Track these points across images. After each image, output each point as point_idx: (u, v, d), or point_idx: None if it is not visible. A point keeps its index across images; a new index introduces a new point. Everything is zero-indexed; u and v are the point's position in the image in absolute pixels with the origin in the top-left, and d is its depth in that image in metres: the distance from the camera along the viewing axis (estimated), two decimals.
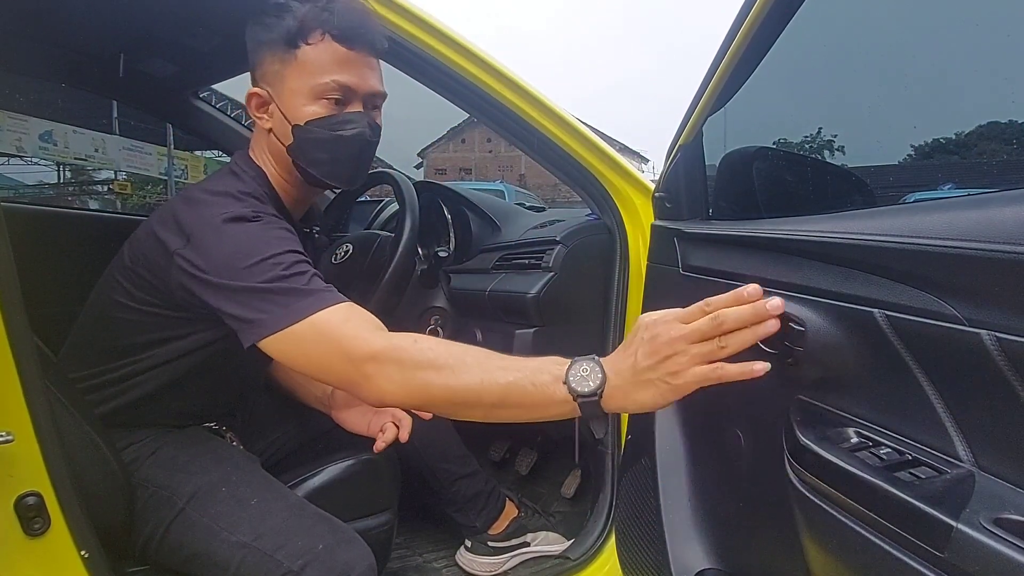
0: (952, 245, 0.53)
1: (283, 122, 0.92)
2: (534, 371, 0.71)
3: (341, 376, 0.78)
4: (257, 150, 0.98)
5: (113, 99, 2.41)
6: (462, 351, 0.75)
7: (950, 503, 0.51)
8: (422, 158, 33.69)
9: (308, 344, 0.77)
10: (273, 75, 0.92)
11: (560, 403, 0.69)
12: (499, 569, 1.36)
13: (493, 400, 0.71)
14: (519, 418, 0.73)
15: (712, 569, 0.93)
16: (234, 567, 0.87)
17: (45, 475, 0.73)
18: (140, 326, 0.92)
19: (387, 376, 0.73)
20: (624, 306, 1.26)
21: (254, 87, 0.94)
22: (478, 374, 0.71)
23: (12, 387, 0.70)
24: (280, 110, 0.92)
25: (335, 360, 0.77)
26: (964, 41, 0.74)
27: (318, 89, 0.89)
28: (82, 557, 0.77)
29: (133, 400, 0.95)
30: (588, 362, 0.69)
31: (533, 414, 0.72)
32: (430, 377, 0.72)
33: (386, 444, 1.05)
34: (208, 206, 0.86)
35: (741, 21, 0.83)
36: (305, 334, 0.77)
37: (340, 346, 0.76)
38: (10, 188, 12.98)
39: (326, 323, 0.77)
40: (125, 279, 0.92)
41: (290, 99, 0.91)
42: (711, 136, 0.99)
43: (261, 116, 0.94)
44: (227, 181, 0.93)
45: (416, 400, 0.76)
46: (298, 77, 0.90)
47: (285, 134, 0.93)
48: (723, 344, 0.65)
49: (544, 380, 0.70)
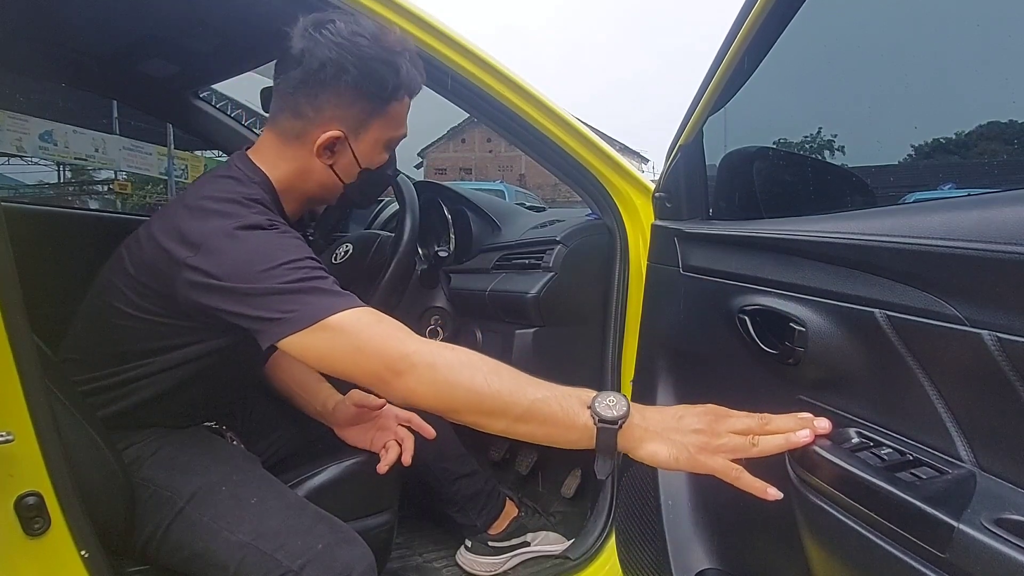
0: (952, 245, 0.53)
1: (352, 164, 0.96)
2: (563, 394, 0.72)
3: (369, 373, 0.77)
4: (271, 158, 0.95)
5: (113, 99, 2.41)
6: (496, 364, 0.76)
7: (951, 503, 0.51)
8: (422, 158, 33.68)
9: (338, 340, 0.77)
10: (356, 121, 0.93)
11: (581, 428, 0.70)
12: (499, 569, 1.36)
13: (518, 413, 0.72)
14: (537, 437, 0.73)
15: (712, 569, 0.93)
16: (234, 566, 0.87)
17: (45, 475, 0.73)
18: (142, 333, 0.91)
19: (419, 377, 0.74)
20: (624, 306, 1.26)
21: (330, 130, 0.92)
22: (509, 386, 0.73)
23: (12, 387, 0.70)
24: (354, 153, 0.95)
25: (366, 357, 0.76)
26: (964, 41, 0.74)
27: (394, 142, 0.98)
28: (82, 557, 0.77)
29: (134, 404, 0.95)
30: (615, 396, 0.71)
31: (552, 434, 0.72)
32: (462, 381, 0.73)
33: (389, 465, 1.06)
34: (218, 216, 0.85)
35: (741, 21, 0.83)
36: (336, 330, 0.77)
37: (374, 343, 0.76)
38: (10, 188, 12.98)
39: (358, 321, 0.78)
40: (127, 287, 0.91)
41: (369, 147, 0.95)
42: (711, 136, 0.99)
43: (325, 154, 0.94)
44: (230, 187, 0.91)
45: (443, 404, 0.75)
46: (383, 129, 0.95)
47: (350, 174, 0.97)
48: (755, 443, 0.67)
49: (571, 404, 0.71)
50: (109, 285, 0.93)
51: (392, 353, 0.75)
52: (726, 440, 0.67)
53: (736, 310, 0.82)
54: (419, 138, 32.46)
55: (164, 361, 0.93)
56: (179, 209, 0.89)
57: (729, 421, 0.69)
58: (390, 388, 0.76)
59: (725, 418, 0.69)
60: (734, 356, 0.85)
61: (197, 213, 0.86)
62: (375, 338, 0.77)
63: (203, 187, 0.93)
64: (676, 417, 0.70)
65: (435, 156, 33.85)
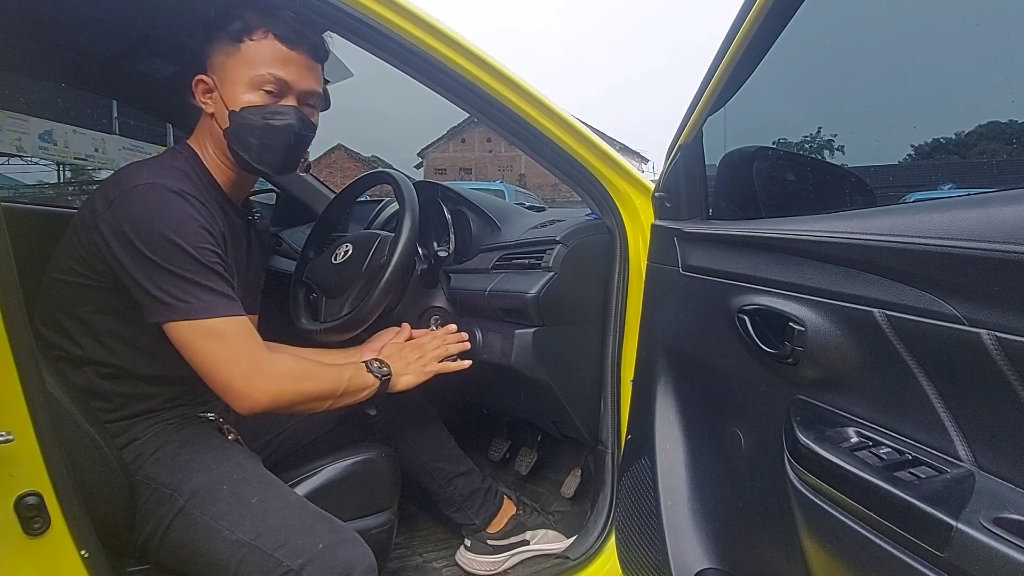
0: (952, 245, 0.53)
1: (222, 107, 1.00)
2: (355, 367, 1.06)
3: (228, 379, 0.90)
4: (199, 135, 1.05)
5: (113, 99, 2.40)
6: (313, 363, 1.02)
7: (950, 503, 0.51)
8: (422, 158, 33.68)
9: (214, 343, 0.89)
10: (219, 65, 1.00)
11: (371, 386, 1.06)
12: (499, 568, 1.36)
13: (338, 395, 1.01)
14: (344, 404, 1.02)
15: (712, 569, 0.93)
16: (234, 565, 0.87)
17: (45, 475, 0.73)
18: (77, 298, 0.95)
19: (274, 390, 0.92)
20: (624, 306, 1.26)
21: (200, 74, 1.01)
22: (331, 379, 1.01)
23: (12, 387, 0.70)
24: (221, 96, 1.00)
25: (233, 364, 0.90)
26: (964, 41, 0.74)
27: (256, 80, 0.99)
28: (82, 557, 0.77)
29: (106, 374, 0.96)
30: (376, 360, 1.10)
31: (356, 399, 1.04)
32: (305, 387, 0.97)
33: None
34: (133, 173, 0.93)
35: (741, 21, 0.83)
36: (215, 334, 0.89)
37: (245, 354, 0.91)
38: (10, 188, 12.96)
39: (236, 332, 0.91)
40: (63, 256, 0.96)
41: (231, 87, 0.99)
42: (711, 136, 0.99)
43: (205, 101, 1.02)
44: (159, 157, 1.03)
45: (285, 406, 0.96)
46: (240, 68, 0.99)
47: (223, 118, 1.01)
48: (447, 350, 1.19)
49: (363, 373, 1.06)
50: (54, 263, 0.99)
51: (258, 368, 0.91)
52: (433, 352, 1.16)
53: (735, 310, 0.82)
54: (419, 138, 32.43)
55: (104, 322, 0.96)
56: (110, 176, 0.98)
57: (426, 344, 1.18)
58: (242, 400, 0.90)
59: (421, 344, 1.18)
60: (733, 356, 0.85)
61: (120, 172, 0.95)
62: (249, 349, 0.92)
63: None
64: (401, 356, 1.14)
65: (435, 156, 33.84)
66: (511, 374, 1.25)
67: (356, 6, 0.98)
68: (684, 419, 1.01)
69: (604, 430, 1.30)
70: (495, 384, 1.44)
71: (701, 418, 0.98)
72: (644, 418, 1.07)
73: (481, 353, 1.29)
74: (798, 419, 0.69)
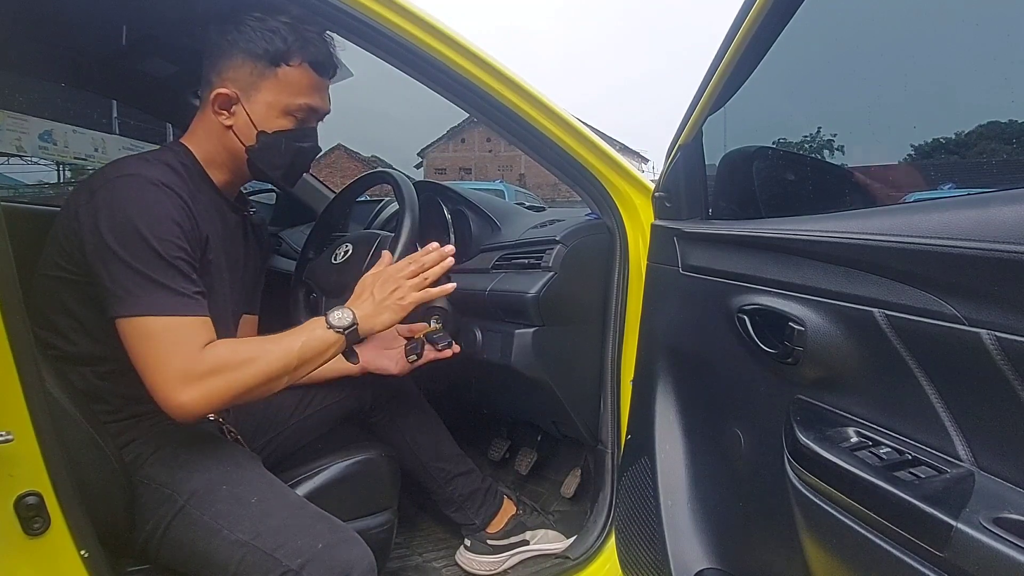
0: (952, 245, 0.53)
1: (248, 125, 1.00)
2: (307, 330, 0.94)
3: (153, 383, 0.84)
4: (197, 136, 1.03)
5: (113, 99, 2.40)
6: (255, 344, 0.94)
7: (950, 503, 0.51)
8: (422, 158, 33.66)
9: (147, 342, 0.84)
10: (246, 82, 0.99)
11: (334, 343, 0.94)
12: (499, 568, 1.36)
13: (294, 367, 0.91)
14: (309, 371, 0.93)
15: (712, 569, 0.93)
16: (234, 565, 0.87)
17: (45, 475, 0.73)
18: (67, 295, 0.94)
19: (204, 392, 0.84)
20: (624, 306, 1.26)
21: (220, 87, 0.99)
22: (279, 354, 0.90)
23: (12, 387, 0.70)
24: (247, 114, 0.99)
25: (163, 366, 0.84)
26: (964, 41, 0.74)
27: (292, 108, 1.00)
28: (82, 557, 0.77)
29: (103, 373, 0.95)
30: (337, 309, 0.96)
31: (319, 360, 0.94)
32: (244, 376, 0.87)
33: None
34: (119, 166, 0.92)
35: (741, 21, 0.83)
36: (150, 331, 0.84)
37: (177, 355, 0.84)
38: (10, 188, 12.96)
39: (177, 329, 0.85)
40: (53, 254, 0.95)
41: (263, 108, 0.99)
42: (711, 136, 0.99)
43: (222, 113, 1.00)
44: (151, 152, 1.00)
45: (228, 402, 0.87)
46: (274, 92, 0.99)
47: (248, 136, 1.00)
48: (425, 276, 1.03)
49: (317, 333, 0.94)
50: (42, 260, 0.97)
51: (181, 374, 0.84)
52: (409, 283, 1.01)
53: (735, 309, 0.82)
54: (419, 138, 32.40)
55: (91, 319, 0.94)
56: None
57: (395, 269, 1.03)
58: (167, 406, 0.84)
59: (394, 275, 1.02)
60: (733, 355, 0.85)
61: (108, 165, 0.93)
62: (177, 355, 0.85)
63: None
64: (370, 296, 1.00)
65: (435, 156, 33.83)
66: (511, 374, 1.25)
67: (356, 6, 0.98)
68: (684, 419, 1.01)
69: (604, 430, 1.30)
70: (495, 384, 1.44)
71: (701, 418, 0.98)
72: (644, 418, 1.07)
73: (481, 353, 1.29)
74: (798, 419, 0.69)
